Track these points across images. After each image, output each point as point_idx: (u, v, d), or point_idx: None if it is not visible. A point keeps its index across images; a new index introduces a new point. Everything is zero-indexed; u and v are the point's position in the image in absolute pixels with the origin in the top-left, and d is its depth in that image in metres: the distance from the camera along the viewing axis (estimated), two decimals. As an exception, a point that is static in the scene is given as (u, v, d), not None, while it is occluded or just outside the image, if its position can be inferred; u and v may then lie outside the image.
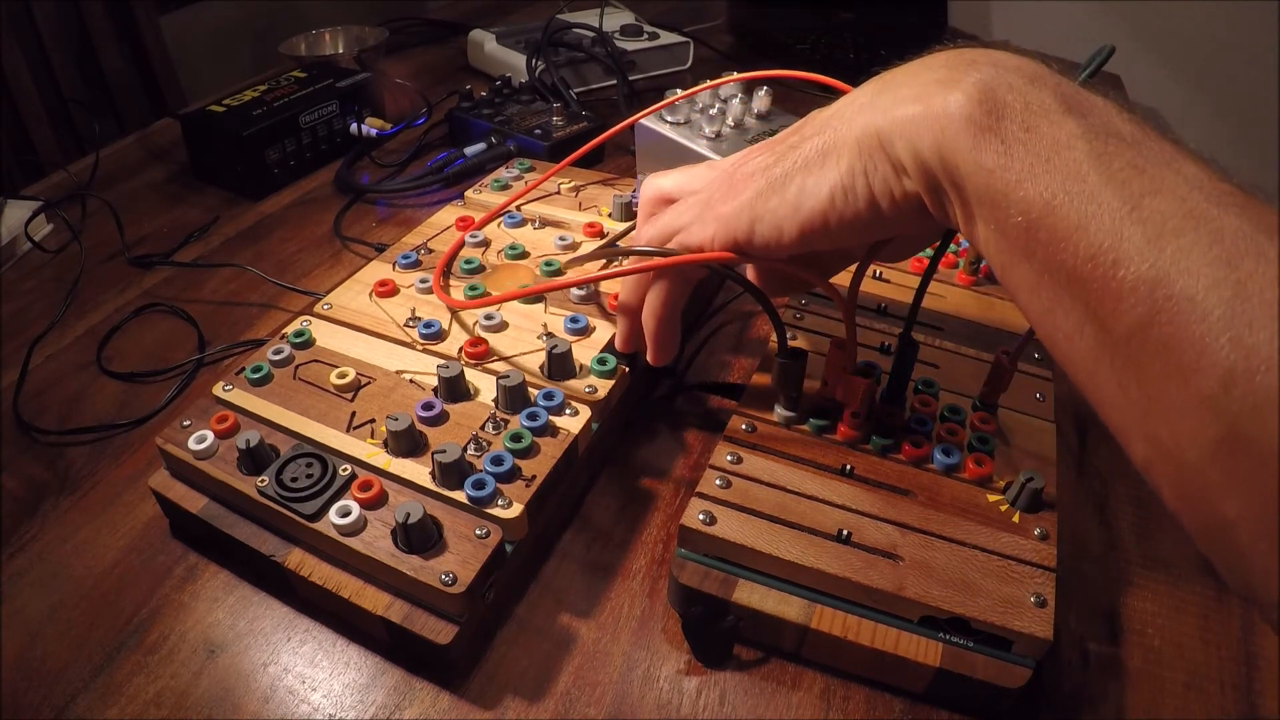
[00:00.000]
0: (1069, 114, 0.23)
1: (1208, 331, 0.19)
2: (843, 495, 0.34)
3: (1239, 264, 0.19)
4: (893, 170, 0.26)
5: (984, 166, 0.23)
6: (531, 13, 1.06)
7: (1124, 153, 0.22)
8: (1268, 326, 0.18)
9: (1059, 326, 0.23)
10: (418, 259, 0.48)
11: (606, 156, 0.73)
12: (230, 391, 0.39)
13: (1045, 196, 0.22)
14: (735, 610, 0.33)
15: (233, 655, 0.34)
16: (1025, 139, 0.23)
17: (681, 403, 0.46)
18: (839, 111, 0.28)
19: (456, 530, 0.33)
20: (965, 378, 0.41)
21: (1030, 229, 0.23)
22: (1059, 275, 0.22)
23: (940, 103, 0.24)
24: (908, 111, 0.25)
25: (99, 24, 1.12)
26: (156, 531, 0.39)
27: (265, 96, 0.69)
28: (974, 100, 0.24)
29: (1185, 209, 0.20)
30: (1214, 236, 0.20)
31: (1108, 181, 0.21)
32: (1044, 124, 0.23)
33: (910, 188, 0.26)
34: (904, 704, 0.33)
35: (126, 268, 0.58)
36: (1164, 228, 0.20)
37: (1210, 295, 0.19)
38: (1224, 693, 0.34)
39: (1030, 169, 0.23)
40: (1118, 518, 0.41)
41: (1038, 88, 0.24)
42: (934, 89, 0.25)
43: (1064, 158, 0.22)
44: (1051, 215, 0.22)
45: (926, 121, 0.24)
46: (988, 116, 0.23)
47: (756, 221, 0.30)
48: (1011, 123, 0.23)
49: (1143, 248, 0.20)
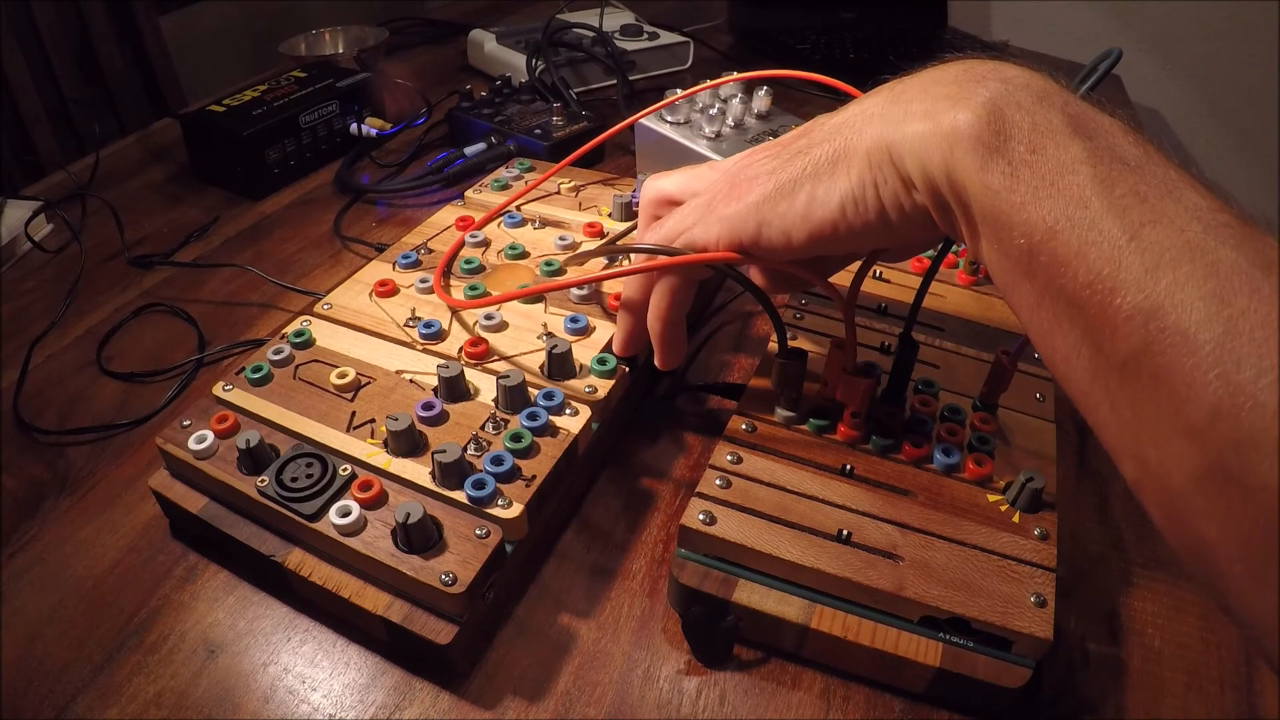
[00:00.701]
0: (1075, 136, 0.23)
1: (1197, 366, 0.20)
2: (843, 495, 0.34)
3: (1232, 300, 0.20)
4: (902, 184, 0.27)
5: (990, 188, 0.24)
6: (531, 13, 1.06)
7: (1127, 178, 0.22)
8: (1255, 364, 0.19)
9: (1057, 347, 0.24)
10: (418, 259, 0.48)
11: (606, 156, 0.73)
12: (230, 391, 0.39)
13: (1048, 221, 0.23)
14: (735, 610, 0.33)
15: (233, 655, 0.34)
16: (1031, 161, 0.23)
17: (681, 403, 0.46)
18: (849, 120, 0.28)
19: (456, 530, 0.33)
20: (965, 378, 0.41)
21: (1032, 252, 0.23)
22: (1058, 298, 0.23)
23: (949, 120, 0.24)
24: (918, 128, 0.25)
25: (99, 24, 1.12)
26: (156, 531, 0.39)
27: (265, 96, 0.69)
28: (982, 120, 0.24)
29: (1183, 240, 0.21)
30: (1209, 270, 0.20)
31: (1109, 208, 0.22)
32: (1050, 146, 0.23)
33: (919, 201, 0.26)
34: (904, 704, 0.33)
35: (126, 268, 0.58)
36: (1161, 259, 0.21)
37: (1202, 330, 0.20)
38: (1224, 693, 0.34)
39: (1035, 192, 0.23)
40: (1118, 518, 0.41)
41: (1045, 107, 0.24)
42: (943, 105, 0.25)
43: (1068, 182, 0.23)
44: (1053, 240, 0.22)
45: (935, 139, 0.25)
46: (995, 137, 0.24)
47: (763, 225, 0.30)
48: (1018, 144, 0.24)
49: (1140, 278, 0.21)
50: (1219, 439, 0.19)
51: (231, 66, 1.30)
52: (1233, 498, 0.19)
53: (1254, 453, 0.19)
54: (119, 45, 1.16)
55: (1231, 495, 0.20)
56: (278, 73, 0.75)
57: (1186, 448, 0.20)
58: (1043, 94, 0.24)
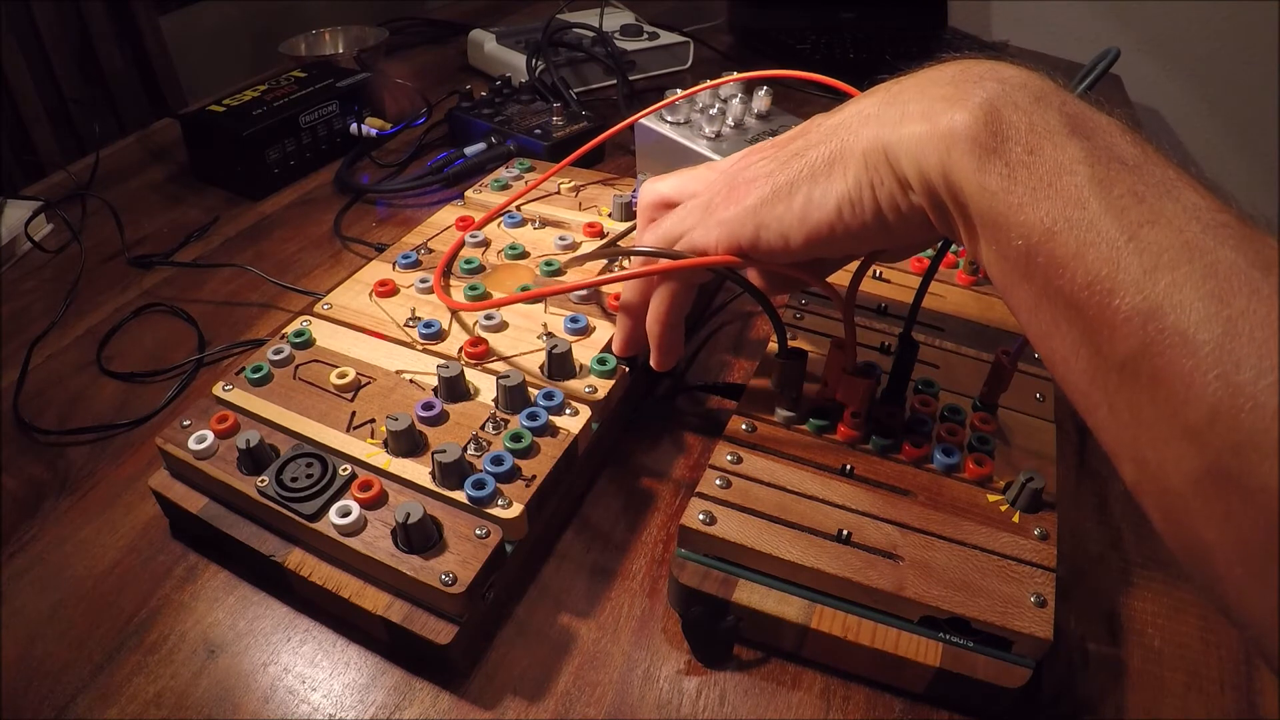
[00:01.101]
0: (1073, 136, 0.23)
1: (1196, 367, 0.20)
2: (843, 495, 0.34)
3: (1231, 300, 0.19)
4: (899, 185, 0.26)
5: (987, 189, 0.24)
6: (531, 13, 1.06)
7: (1125, 178, 0.22)
8: (1255, 365, 0.19)
9: (1056, 348, 0.24)
10: (418, 259, 0.48)
11: (606, 156, 0.73)
12: (230, 391, 0.39)
13: (1046, 223, 0.22)
14: (735, 610, 0.33)
15: (233, 655, 0.34)
16: (1029, 162, 0.23)
17: (681, 403, 0.46)
18: (845, 121, 0.28)
19: (456, 530, 0.33)
20: (965, 378, 0.41)
21: (1030, 253, 0.23)
22: (1057, 300, 0.23)
23: (946, 122, 0.24)
24: (914, 129, 0.25)
25: (99, 24, 1.12)
26: (156, 531, 0.39)
27: (265, 96, 0.69)
28: (979, 121, 0.24)
29: (1182, 240, 0.21)
30: (1208, 270, 0.20)
31: (1107, 209, 0.22)
32: (1048, 146, 0.23)
33: (916, 202, 0.26)
34: (904, 704, 0.33)
35: (126, 268, 0.58)
36: (1160, 260, 0.21)
37: (1201, 331, 0.20)
38: (1224, 693, 0.34)
39: (1032, 193, 0.23)
40: (1118, 518, 0.41)
41: (1043, 107, 0.24)
42: (940, 107, 0.25)
43: (1065, 183, 0.22)
44: (1051, 241, 0.22)
45: (932, 141, 0.25)
46: (992, 138, 0.24)
47: (761, 228, 0.30)
48: (1016, 145, 0.23)
49: (1139, 279, 0.21)
50: (1218, 441, 0.19)
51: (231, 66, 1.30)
52: (1232, 500, 0.19)
53: (1254, 454, 0.19)
54: (119, 45, 1.16)
55: (1231, 497, 0.19)
56: (278, 73, 0.75)
57: (1185, 449, 0.20)
58: (1040, 94, 0.24)
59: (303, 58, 0.92)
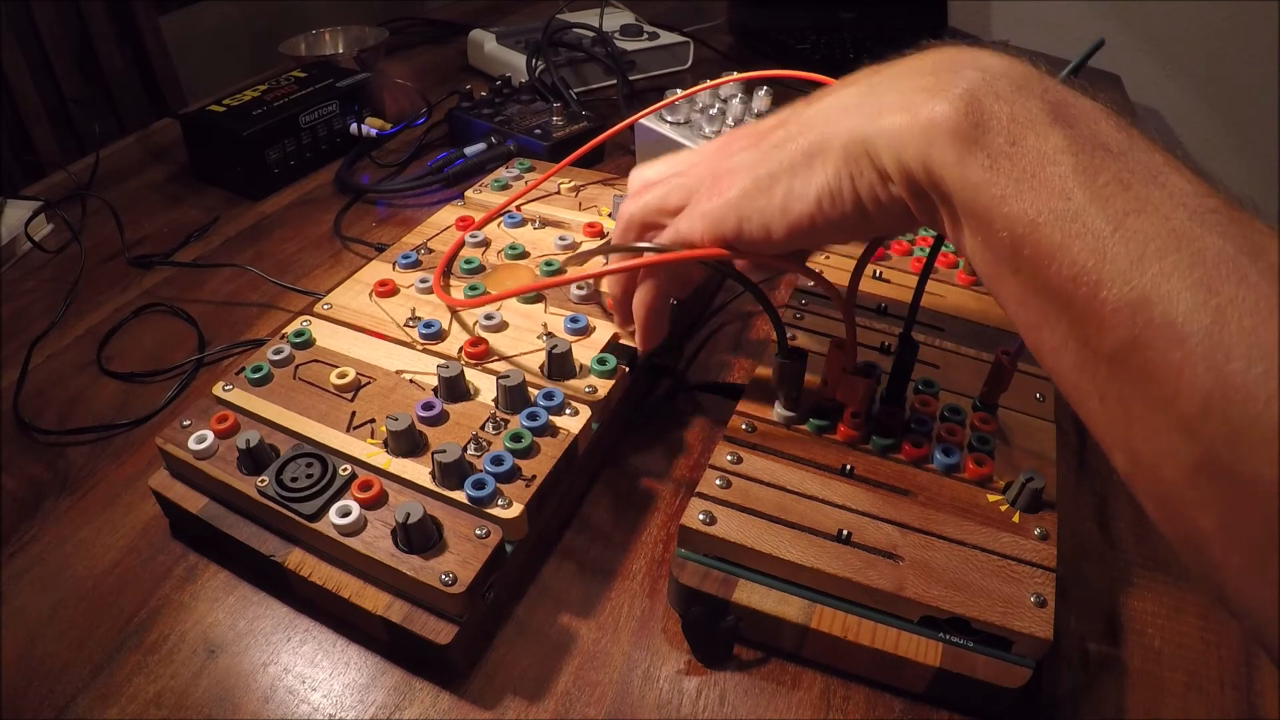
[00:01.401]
0: (1056, 124, 0.23)
1: (1186, 358, 0.19)
2: (843, 495, 0.34)
3: (1219, 289, 0.19)
4: (878, 177, 0.26)
5: (970, 181, 0.23)
6: (531, 13, 1.06)
7: (1110, 166, 0.22)
8: (1245, 354, 0.18)
9: (1045, 340, 0.23)
10: (418, 259, 0.48)
11: (606, 156, 0.73)
12: (230, 391, 0.39)
13: (1030, 215, 0.22)
14: (735, 610, 0.33)
15: (233, 655, 0.34)
16: (1011, 153, 0.23)
17: (681, 403, 0.46)
18: (825, 111, 0.28)
19: (456, 530, 0.33)
20: (965, 378, 0.41)
21: (1015, 245, 0.23)
22: (1044, 292, 0.22)
23: (926, 113, 0.24)
24: (894, 121, 0.25)
25: (99, 24, 1.12)
26: (156, 531, 0.39)
27: (265, 96, 0.69)
28: (960, 111, 0.24)
29: (1169, 228, 0.20)
30: (1195, 258, 0.20)
31: (1092, 199, 0.21)
32: (1030, 136, 0.23)
33: (896, 193, 0.26)
34: (904, 704, 0.33)
35: (126, 268, 0.58)
36: (1147, 249, 0.20)
37: (1190, 321, 0.19)
38: (1224, 693, 0.34)
39: (1015, 185, 0.23)
40: (1118, 518, 0.41)
41: (1024, 95, 0.24)
42: (920, 98, 0.25)
43: (1049, 173, 0.22)
44: (1036, 233, 0.22)
45: (912, 132, 0.24)
46: (974, 129, 0.23)
47: (744, 220, 0.30)
48: (997, 135, 0.23)
49: (1125, 269, 0.20)
50: (1211, 432, 0.19)
51: (231, 66, 1.30)
52: (1227, 491, 0.19)
53: (1247, 445, 0.18)
54: (119, 45, 1.16)
55: (1226, 488, 0.19)
56: (278, 73, 0.75)
57: (1178, 441, 0.20)
58: (1022, 82, 0.24)
59: (303, 58, 0.92)
